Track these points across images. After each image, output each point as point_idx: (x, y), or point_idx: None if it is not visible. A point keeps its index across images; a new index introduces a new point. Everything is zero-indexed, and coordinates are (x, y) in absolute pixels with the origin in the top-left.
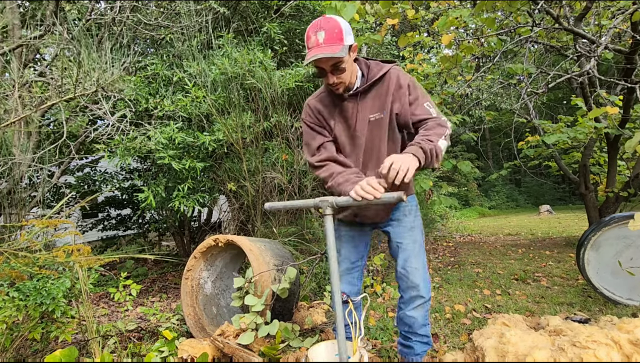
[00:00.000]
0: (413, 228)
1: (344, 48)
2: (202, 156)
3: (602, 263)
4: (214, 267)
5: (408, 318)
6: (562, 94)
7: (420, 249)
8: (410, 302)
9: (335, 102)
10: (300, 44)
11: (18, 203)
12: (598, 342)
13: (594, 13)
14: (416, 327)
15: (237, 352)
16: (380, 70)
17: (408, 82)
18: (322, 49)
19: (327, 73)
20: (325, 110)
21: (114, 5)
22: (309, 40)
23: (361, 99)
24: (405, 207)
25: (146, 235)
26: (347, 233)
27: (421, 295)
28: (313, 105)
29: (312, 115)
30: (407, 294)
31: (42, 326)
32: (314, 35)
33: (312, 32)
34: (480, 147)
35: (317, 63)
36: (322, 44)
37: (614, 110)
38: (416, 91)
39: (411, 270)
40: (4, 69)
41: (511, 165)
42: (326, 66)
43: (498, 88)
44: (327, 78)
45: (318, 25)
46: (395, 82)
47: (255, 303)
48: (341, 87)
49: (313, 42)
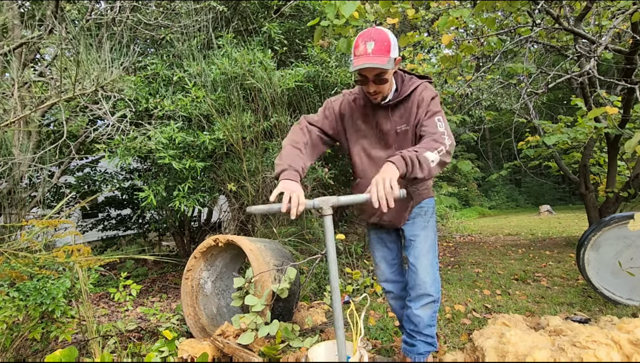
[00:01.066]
0: (426, 227)
1: (390, 61)
2: (202, 156)
3: (602, 263)
4: (214, 267)
5: (414, 317)
6: (562, 94)
7: (431, 248)
8: (417, 300)
9: (366, 108)
10: (300, 44)
11: (18, 203)
12: (598, 342)
13: (594, 13)
14: (421, 327)
15: (237, 352)
16: (410, 86)
17: (430, 96)
18: (371, 58)
19: (369, 82)
20: (352, 111)
21: (114, 5)
22: (357, 48)
23: (392, 110)
24: (422, 208)
25: (146, 235)
26: (375, 236)
27: (429, 294)
28: (345, 101)
29: (337, 105)
30: (415, 291)
31: (42, 326)
32: (363, 45)
33: (362, 41)
34: (480, 147)
35: (362, 71)
36: (371, 53)
37: (614, 110)
38: (433, 106)
39: (420, 267)
40: (4, 69)
41: (511, 165)
42: (370, 75)
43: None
44: (368, 86)
45: (369, 35)
46: (419, 97)
47: (255, 303)
48: (379, 97)
49: (361, 50)
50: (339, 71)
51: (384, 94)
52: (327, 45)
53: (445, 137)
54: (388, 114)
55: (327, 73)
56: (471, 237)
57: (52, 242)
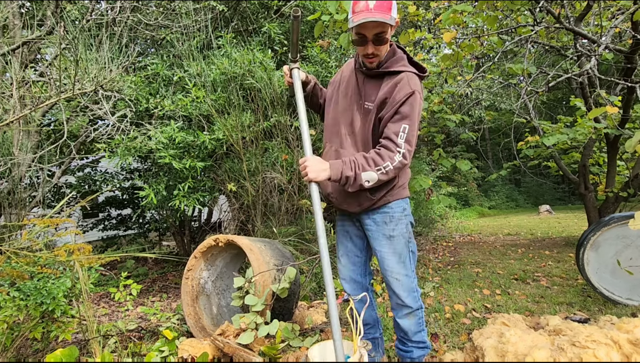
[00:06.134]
0: (392, 237)
1: (391, 18)
2: (202, 156)
3: (601, 263)
4: (214, 267)
5: (401, 325)
6: (561, 94)
7: (400, 259)
8: (399, 309)
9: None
10: (301, 44)
11: (18, 203)
12: (597, 342)
13: (594, 13)
14: (410, 334)
15: (237, 351)
16: (398, 66)
17: (408, 94)
18: (372, 13)
19: (367, 42)
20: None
21: (114, 5)
22: (357, 4)
23: (369, 81)
24: (387, 213)
25: (146, 235)
26: (341, 227)
27: (407, 305)
28: (345, 66)
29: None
30: (393, 301)
31: (42, 326)
32: (364, 1)
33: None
34: (480, 147)
35: (362, 29)
36: (372, 9)
37: (614, 110)
38: (406, 109)
39: (392, 280)
40: (4, 69)
41: (511, 165)
42: (369, 34)
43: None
44: (366, 47)
45: None
46: (397, 87)
47: (255, 303)
48: (375, 61)
49: (362, 6)
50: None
51: (381, 58)
52: (327, 45)
53: (398, 151)
54: (363, 82)
55: (327, 73)
56: (471, 237)
57: (52, 242)
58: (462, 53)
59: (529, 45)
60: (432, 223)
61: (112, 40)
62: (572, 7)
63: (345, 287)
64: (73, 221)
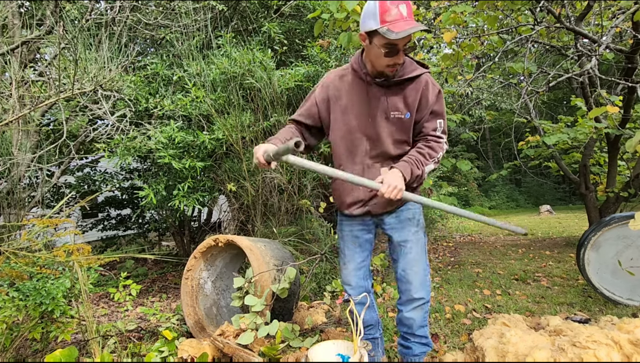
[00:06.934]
0: (417, 232)
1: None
2: (202, 156)
3: (602, 263)
4: (214, 267)
5: (407, 319)
6: (562, 94)
7: (422, 251)
8: (408, 304)
9: (358, 84)
10: (300, 44)
11: (17, 203)
12: (598, 342)
13: (594, 13)
14: (414, 328)
15: (237, 352)
16: (413, 70)
17: (436, 93)
18: (411, 22)
19: (399, 51)
20: (341, 88)
21: (114, 5)
22: (388, 12)
23: (389, 91)
24: (410, 209)
25: (146, 235)
26: (349, 232)
27: (420, 297)
28: (331, 80)
29: (324, 90)
30: (406, 296)
31: (42, 326)
32: (396, 8)
33: (393, 4)
34: (480, 147)
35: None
36: (407, 17)
37: (614, 110)
38: (438, 107)
39: (412, 273)
40: (3, 68)
41: (511, 165)
42: (402, 43)
43: (498, 88)
44: (397, 57)
45: None
46: (425, 90)
47: (255, 303)
48: (397, 69)
49: (395, 14)
50: None
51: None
52: (327, 45)
53: (443, 142)
54: (383, 94)
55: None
56: (471, 237)
57: (52, 242)
58: (462, 53)
59: (529, 45)
60: (432, 223)
61: (112, 40)
62: (572, 7)
63: (351, 292)
64: (72, 221)
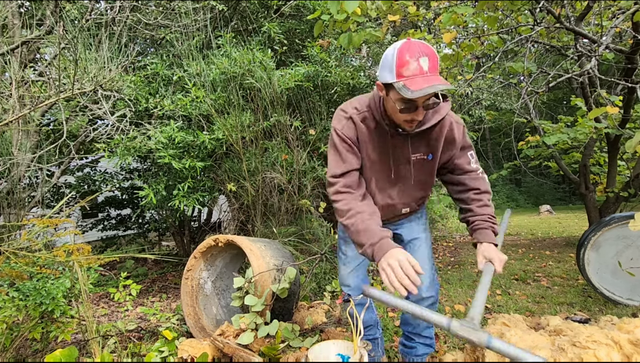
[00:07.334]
0: (426, 229)
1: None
2: (202, 156)
3: (602, 263)
4: (214, 267)
5: (414, 320)
6: (562, 94)
7: (430, 248)
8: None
9: (378, 133)
10: (300, 44)
11: (17, 203)
12: (598, 342)
13: (594, 13)
14: (421, 328)
15: (237, 352)
16: (434, 115)
17: (461, 132)
18: (433, 79)
19: (417, 108)
20: (365, 133)
21: (114, 5)
22: (406, 66)
23: (412, 138)
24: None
25: (146, 235)
26: None
27: (431, 295)
28: (356, 121)
29: (351, 131)
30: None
31: (42, 326)
32: (415, 62)
33: (413, 56)
34: (480, 147)
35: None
36: (428, 72)
37: (614, 110)
38: (464, 140)
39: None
40: (3, 68)
41: (511, 165)
42: (421, 101)
43: (498, 88)
44: (416, 113)
45: (417, 48)
46: (449, 132)
47: (255, 303)
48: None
49: (414, 69)
50: (339, 71)
51: None
52: (327, 45)
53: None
54: (407, 142)
55: (326, 73)
56: (471, 237)
57: (51, 242)
58: (462, 53)
59: (529, 45)
60: (432, 223)
61: (112, 40)
62: (572, 7)
63: (352, 293)
64: (72, 221)
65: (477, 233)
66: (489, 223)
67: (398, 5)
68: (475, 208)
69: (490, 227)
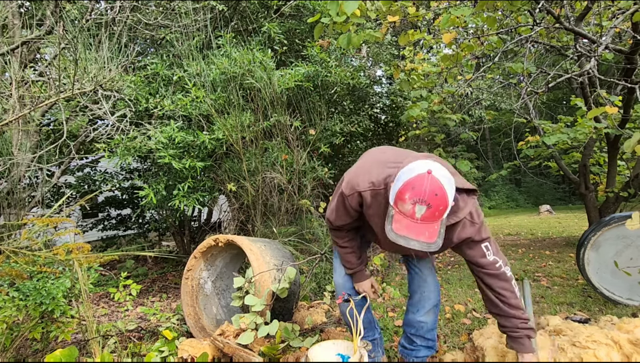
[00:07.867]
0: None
1: (440, 234)
2: (202, 156)
3: (602, 263)
4: (214, 267)
5: (418, 322)
6: (562, 94)
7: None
8: (423, 306)
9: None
10: (300, 44)
11: (18, 203)
12: (598, 342)
13: (594, 13)
14: (424, 331)
15: (237, 351)
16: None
17: (476, 229)
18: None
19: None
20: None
21: (114, 5)
22: (402, 202)
23: None
24: None
25: (146, 235)
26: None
27: (435, 299)
28: (366, 196)
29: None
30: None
31: (42, 326)
32: (411, 205)
33: (412, 198)
34: (480, 146)
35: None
36: (419, 220)
37: (614, 110)
38: (479, 235)
39: (428, 275)
40: (3, 68)
41: (511, 165)
42: None
43: (498, 88)
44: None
45: (422, 192)
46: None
47: (255, 303)
48: None
49: (407, 211)
50: (339, 71)
51: None
52: (327, 45)
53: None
54: None
55: (326, 73)
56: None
57: (51, 241)
58: (462, 53)
59: (529, 45)
60: None
61: (112, 40)
62: (571, 8)
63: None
64: (72, 221)
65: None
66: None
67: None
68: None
69: (526, 336)
